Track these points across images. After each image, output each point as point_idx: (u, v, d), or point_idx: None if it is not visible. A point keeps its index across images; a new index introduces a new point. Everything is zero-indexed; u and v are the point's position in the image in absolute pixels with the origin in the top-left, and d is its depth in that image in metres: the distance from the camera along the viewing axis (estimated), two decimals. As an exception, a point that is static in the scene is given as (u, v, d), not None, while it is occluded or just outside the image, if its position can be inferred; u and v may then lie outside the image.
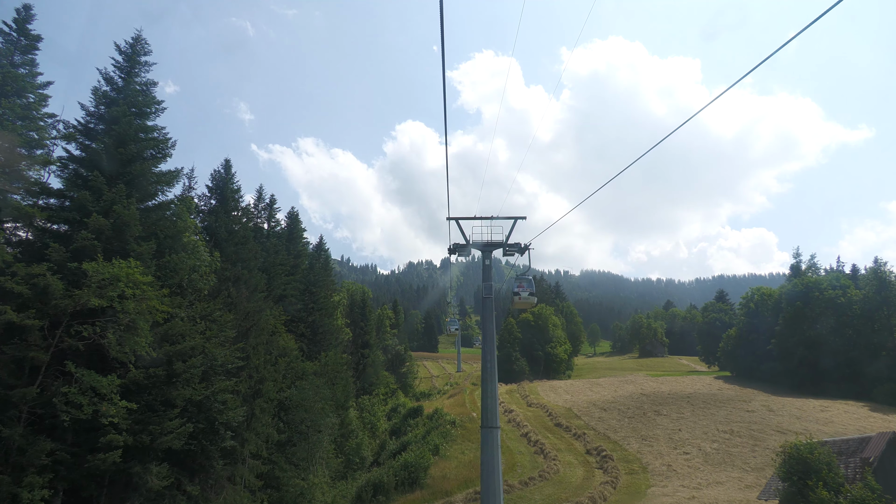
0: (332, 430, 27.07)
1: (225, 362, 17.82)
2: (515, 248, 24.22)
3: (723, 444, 34.33)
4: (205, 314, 18.18)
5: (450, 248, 24.11)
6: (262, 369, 20.14)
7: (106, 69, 17.83)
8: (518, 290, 21.76)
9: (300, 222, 44.76)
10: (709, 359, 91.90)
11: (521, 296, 21.60)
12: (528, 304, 21.97)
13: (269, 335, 22.41)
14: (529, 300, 21.68)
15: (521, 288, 21.79)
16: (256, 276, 22.01)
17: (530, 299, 21.71)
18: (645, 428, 38.89)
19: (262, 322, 21.07)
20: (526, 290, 21.80)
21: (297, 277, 38.04)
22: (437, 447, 33.23)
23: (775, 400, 48.65)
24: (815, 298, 57.14)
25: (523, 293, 21.66)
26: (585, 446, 35.30)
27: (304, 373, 26.54)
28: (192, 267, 17.58)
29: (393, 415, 54.76)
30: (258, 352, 20.23)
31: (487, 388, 22.32)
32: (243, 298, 20.34)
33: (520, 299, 21.58)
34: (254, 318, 20.58)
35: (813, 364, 55.37)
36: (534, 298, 21.78)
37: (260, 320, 20.86)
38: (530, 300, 21.71)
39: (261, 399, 19.96)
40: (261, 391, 19.78)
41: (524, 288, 21.92)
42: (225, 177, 23.68)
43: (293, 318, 34.75)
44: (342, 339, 45.15)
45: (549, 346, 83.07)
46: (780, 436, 35.64)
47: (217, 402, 17.23)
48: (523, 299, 21.60)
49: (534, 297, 21.76)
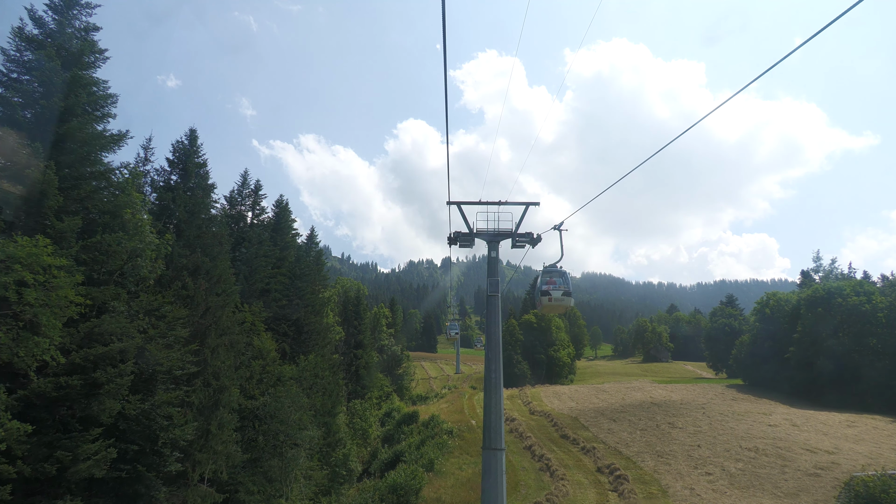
0: (313, 444, 23.86)
1: (172, 368, 14.55)
2: (527, 238, 20.75)
3: (748, 463, 30.99)
4: (150, 309, 14.91)
5: (450, 238, 20.66)
6: (224, 375, 16.92)
7: (33, 6, 14.53)
8: (548, 287, 17.14)
9: (290, 212, 41.42)
10: (716, 365, 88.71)
11: (551, 296, 16.85)
12: (562, 307, 17.29)
13: (237, 335, 19.16)
14: (563, 302, 16.96)
15: (551, 285, 17.15)
16: (221, 266, 18.75)
17: (564, 301, 16.98)
18: (660, 442, 35.57)
19: (225, 320, 17.82)
20: (559, 287, 17.12)
21: (283, 271, 34.73)
22: (431, 462, 29.93)
23: (797, 413, 45.34)
24: (836, 305, 53.80)
25: (555, 292, 16.90)
26: (596, 463, 31.97)
27: (282, 378, 23.30)
28: (133, 251, 14.30)
29: (387, 420, 51.53)
30: (218, 354, 16.99)
31: (491, 403, 18.87)
32: (202, 291, 17.12)
33: (550, 301, 16.83)
34: (215, 314, 17.35)
35: (834, 375, 51.99)
36: (570, 300, 17.12)
37: (222, 317, 17.63)
38: (564, 302, 17.00)
39: (222, 411, 16.73)
40: (220, 402, 16.55)
41: (556, 285, 17.26)
42: (189, 149, 20.38)
43: (276, 315, 31.45)
44: (332, 339, 41.85)
45: (552, 350, 79.83)
46: (811, 455, 32.37)
47: (160, 417, 13.93)
48: (556, 301, 16.84)
49: (569, 297, 17.10)
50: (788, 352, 56.61)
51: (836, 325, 53.32)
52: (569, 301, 17.40)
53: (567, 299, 17.28)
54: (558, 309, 17.74)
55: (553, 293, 17.08)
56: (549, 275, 17.73)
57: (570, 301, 17.42)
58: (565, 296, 17.33)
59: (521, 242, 20.58)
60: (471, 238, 20.43)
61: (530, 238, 20.35)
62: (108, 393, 12.10)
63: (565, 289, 17.29)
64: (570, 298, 17.31)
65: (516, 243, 20.51)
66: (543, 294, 17.30)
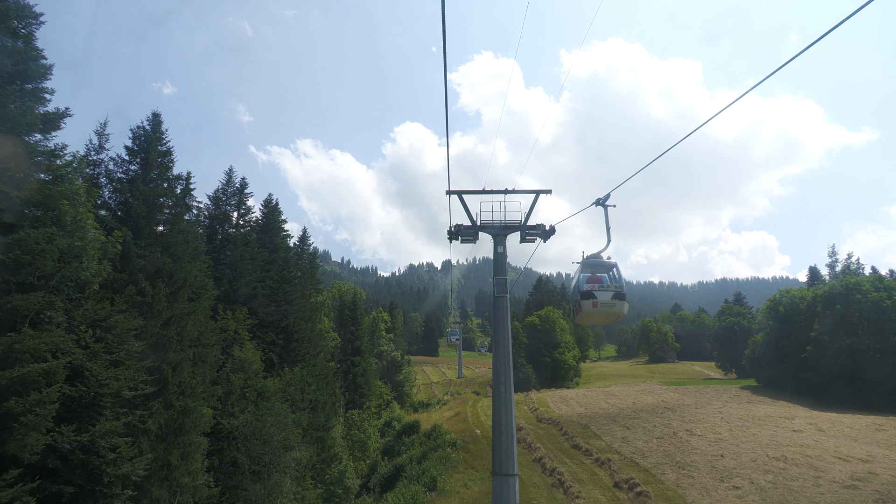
0: (300, 466, 21.43)
1: (120, 389, 12.15)
2: (538, 231, 18.20)
3: (778, 475, 28.49)
4: (95, 319, 12.52)
5: (450, 231, 18.14)
6: (190, 394, 14.53)
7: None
8: (591, 287, 12.57)
9: (280, 212, 39.04)
10: (726, 365, 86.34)
11: (597, 300, 12.25)
12: (612, 314, 12.69)
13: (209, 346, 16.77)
14: (614, 308, 12.38)
15: (596, 284, 12.67)
16: (188, 268, 16.33)
17: (616, 306, 12.40)
18: (679, 452, 33.06)
19: (191, 329, 15.43)
20: (607, 287, 12.66)
21: (271, 275, 32.29)
22: (433, 480, 27.46)
23: (820, 416, 42.87)
24: (855, 302, 51.38)
25: (602, 294, 12.35)
26: (612, 477, 29.47)
27: (265, 392, 20.88)
28: (71, 249, 11.89)
29: (387, 430, 49.02)
30: (182, 370, 14.60)
31: (501, 421, 16.32)
32: (162, 297, 14.74)
33: (595, 307, 12.26)
34: (179, 323, 14.96)
35: (855, 374, 49.55)
36: (623, 305, 12.57)
37: (187, 326, 15.23)
38: (616, 308, 12.41)
39: (188, 436, 14.33)
40: (185, 426, 14.16)
41: (603, 284, 12.83)
42: (151, 135, 17.96)
43: (262, 322, 29.02)
44: (326, 346, 39.39)
45: (557, 352, 77.31)
46: (844, 464, 29.89)
47: (105, 450, 11.50)
48: (604, 306, 12.29)
49: (622, 301, 12.55)
50: (805, 351, 54.17)
51: (856, 323, 50.96)
52: (622, 307, 12.67)
53: (620, 304, 12.53)
54: (606, 317, 13.01)
55: (600, 295, 12.40)
56: (592, 268, 13.36)
57: (624, 306, 12.70)
58: (617, 298, 12.43)
59: (531, 236, 18.08)
60: (474, 232, 17.98)
61: (542, 231, 17.86)
62: (28, 425, 9.70)
63: (616, 288, 12.59)
64: (624, 303, 12.57)
65: (526, 237, 18.03)
66: (586, 297, 12.56)
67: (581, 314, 13.20)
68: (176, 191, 18.61)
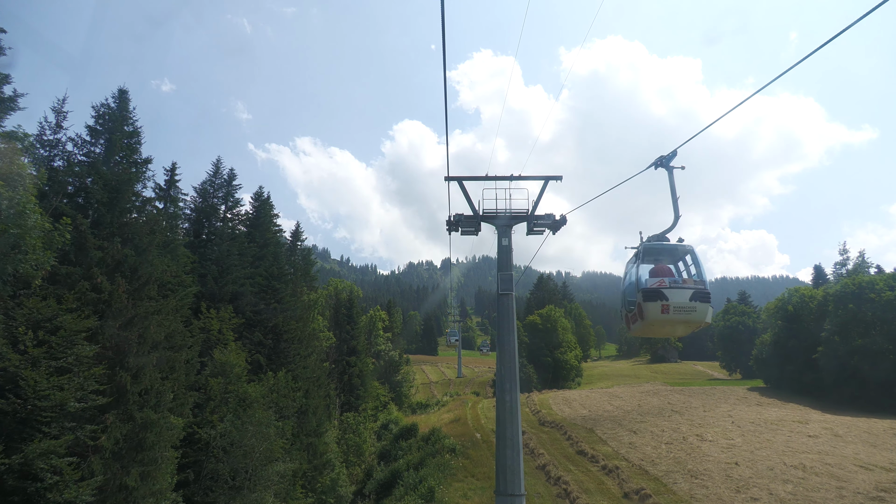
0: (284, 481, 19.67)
1: (64, 401, 10.42)
2: (547, 220, 16.39)
3: (798, 485, 26.79)
4: (38, 319, 10.78)
5: (449, 221, 16.30)
6: (153, 405, 12.80)
7: None
8: (658, 285, 9.34)
9: (271, 206, 37.23)
10: (730, 366, 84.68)
11: (669, 303, 9.04)
12: (691, 324, 9.52)
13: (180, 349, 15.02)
14: (692, 316, 9.15)
15: (666, 281, 9.44)
16: (152, 262, 14.57)
17: (695, 314, 9.16)
18: (690, 459, 31.36)
19: (155, 331, 13.66)
20: (685, 285, 9.33)
21: (260, 271, 30.52)
22: (431, 491, 25.74)
23: (835, 420, 41.18)
24: (867, 301, 49.63)
25: (676, 294, 9.09)
26: (621, 487, 27.76)
27: (247, 399, 19.13)
28: (4, 237, 10.14)
29: (383, 433, 47.32)
30: (143, 378, 12.86)
31: (506, 434, 14.55)
32: (121, 294, 13.00)
33: (666, 313, 9.03)
34: (142, 324, 13.23)
35: (868, 376, 47.83)
36: (706, 308, 9.33)
37: (150, 327, 13.47)
38: (696, 315, 9.16)
39: (150, 452, 12.60)
40: (145, 442, 12.42)
41: (676, 280, 9.52)
42: (117, 114, 16.14)
43: (249, 321, 27.27)
44: (319, 346, 37.64)
45: (559, 352, 75.64)
46: (867, 473, 28.22)
47: (44, 473, 9.76)
48: (679, 311, 9.06)
49: (706, 303, 9.34)
50: (815, 351, 52.44)
51: (868, 322, 49.25)
52: (704, 312, 9.32)
53: (702, 308, 9.26)
54: (680, 327, 9.64)
55: (672, 295, 9.04)
56: (656, 256, 10.01)
57: (707, 311, 9.38)
58: (699, 300, 9.13)
59: (539, 227, 16.24)
60: (476, 222, 16.15)
61: (551, 221, 16.04)
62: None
63: (696, 284, 9.26)
64: (708, 306, 9.33)
65: (534, 228, 16.20)
66: (651, 297, 9.16)
67: (642, 323, 9.59)
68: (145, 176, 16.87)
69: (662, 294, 9.27)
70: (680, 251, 10.30)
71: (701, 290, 9.39)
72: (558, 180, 16.11)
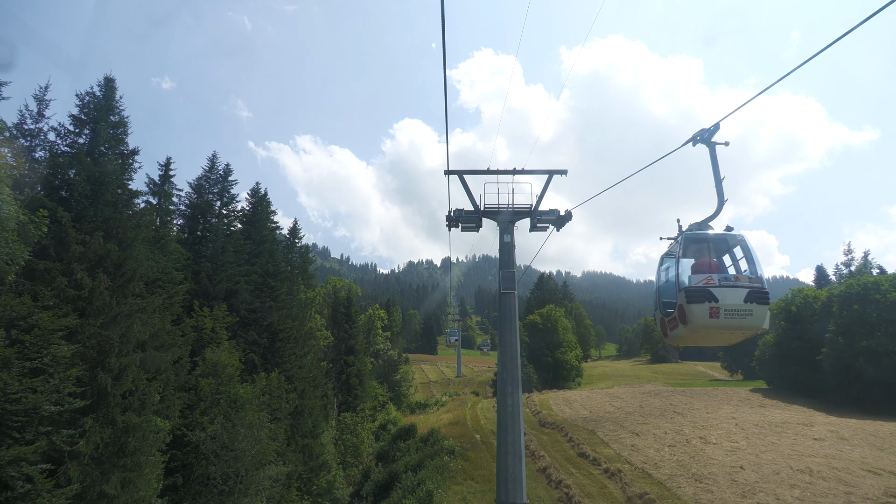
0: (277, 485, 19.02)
1: (38, 404, 9.79)
2: (551, 216, 15.76)
3: (805, 490, 26.17)
4: (12, 317, 10.14)
5: (449, 216, 15.66)
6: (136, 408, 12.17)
7: None
8: (704, 282, 7.81)
9: (268, 203, 36.58)
10: (732, 366, 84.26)
11: (719, 305, 7.60)
12: (745, 330, 7.91)
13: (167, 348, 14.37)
14: (747, 321, 7.67)
15: (715, 277, 7.89)
16: (137, 258, 13.92)
17: (750, 319, 7.69)
18: (695, 463, 30.73)
19: (138, 331, 13.02)
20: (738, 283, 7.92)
21: (256, 268, 29.88)
22: (429, 494, 25.11)
23: (840, 423, 40.56)
24: (874, 302, 48.96)
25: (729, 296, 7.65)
26: (624, 491, 27.14)
27: (238, 400, 18.49)
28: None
29: (381, 434, 46.70)
30: (125, 379, 12.22)
31: (508, 440, 13.92)
32: (103, 291, 12.35)
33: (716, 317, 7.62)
34: (125, 323, 12.59)
35: (873, 378, 47.18)
36: (764, 312, 7.95)
37: (132, 326, 12.83)
38: (750, 322, 7.70)
39: (133, 458, 11.96)
40: (127, 447, 11.78)
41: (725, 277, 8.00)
42: (102, 103, 15.48)
43: (244, 319, 26.63)
44: (316, 345, 37.00)
45: (559, 352, 74.95)
46: (875, 477, 27.61)
47: (15, 481, 9.12)
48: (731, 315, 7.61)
49: (764, 305, 7.96)
50: (819, 353, 51.78)
51: (874, 324, 48.59)
52: (762, 316, 7.88)
53: (759, 311, 7.81)
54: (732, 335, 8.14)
55: (723, 296, 7.61)
56: (700, 247, 8.66)
57: (765, 315, 7.92)
58: (755, 301, 7.72)
59: (543, 223, 15.61)
60: (477, 217, 15.50)
61: (556, 217, 15.41)
62: None
63: (752, 283, 7.90)
64: (766, 309, 7.91)
65: (537, 224, 15.58)
66: (696, 298, 7.76)
67: (684, 330, 8.07)
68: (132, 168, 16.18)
69: (711, 294, 7.76)
70: (730, 241, 8.93)
71: (758, 289, 7.95)
72: (563, 174, 15.48)
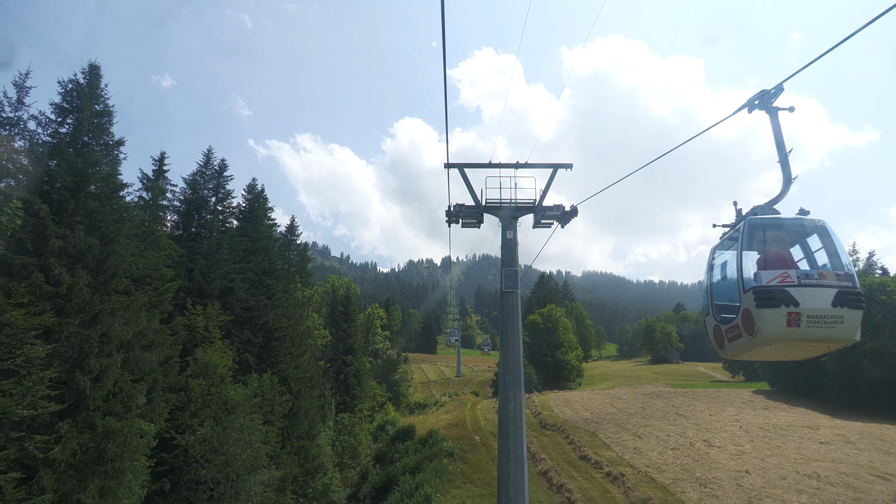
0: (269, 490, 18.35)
1: (7, 408, 9.13)
2: (556, 212, 15.05)
3: (813, 495, 25.54)
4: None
5: (449, 212, 14.97)
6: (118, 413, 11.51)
7: None
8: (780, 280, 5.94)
9: (265, 199, 35.93)
10: (733, 367, 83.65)
11: (801, 311, 5.67)
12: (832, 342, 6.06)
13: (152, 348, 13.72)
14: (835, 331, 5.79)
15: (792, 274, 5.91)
16: (121, 253, 13.24)
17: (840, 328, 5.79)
18: (699, 467, 30.10)
19: (120, 331, 12.36)
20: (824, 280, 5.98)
21: (252, 266, 29.22)
22: (427, 498, 24.46)
23: (845, 426, 39.92)
24: (879, 303, 48.34)
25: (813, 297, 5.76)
26: (627, 496, 26.50)
27: (230, 402, 17.84)
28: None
29: (380, 434, 46.07)
30: (106, 381, 11.56)
31: (509, 446, 13.21)
32: (83, 288, 11.70)
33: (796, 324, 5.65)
34: (105, 322, 11.95)
35: (878, 380, 46.58)
36: (856, 319, 6.03)
37: (115, 324, 12.19)
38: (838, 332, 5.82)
39: (114, 465, 11.31)
40: (107, 453, 11.12)
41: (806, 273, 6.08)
42: (86, 91, 14.78)
43: (238, 318, 25.98)
44: (314, 344, 36.34)
45: (560, 352, 74.29)
46: (884, 483, 26.99)
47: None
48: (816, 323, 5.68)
49: (857, 310, 6.03)
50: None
51: (879, 325, 47.96)
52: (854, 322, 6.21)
53: (851, 317, 6.13)
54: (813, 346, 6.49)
55: (807, 300, 5.87)
56: (767, 234, 7.05)
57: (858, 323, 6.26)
58: (847, 305, 5.99)
59: (548, 219, 14.92)
60: (478, 213, 14.81)
61: (561, 212, 14.70)
62: None
63: (840, 280, 6.09)
64: (860, 313, 6.17)
65: (541, 221, 14.88)
66: (767, 301, 6.04)
67: (751, 342, 6.30)
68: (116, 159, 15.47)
69: (790, 296, 5.91)
70: (807, 227, 7.18)
71: (849, 289, 6.15)
72: (568, 168, 14.82)
